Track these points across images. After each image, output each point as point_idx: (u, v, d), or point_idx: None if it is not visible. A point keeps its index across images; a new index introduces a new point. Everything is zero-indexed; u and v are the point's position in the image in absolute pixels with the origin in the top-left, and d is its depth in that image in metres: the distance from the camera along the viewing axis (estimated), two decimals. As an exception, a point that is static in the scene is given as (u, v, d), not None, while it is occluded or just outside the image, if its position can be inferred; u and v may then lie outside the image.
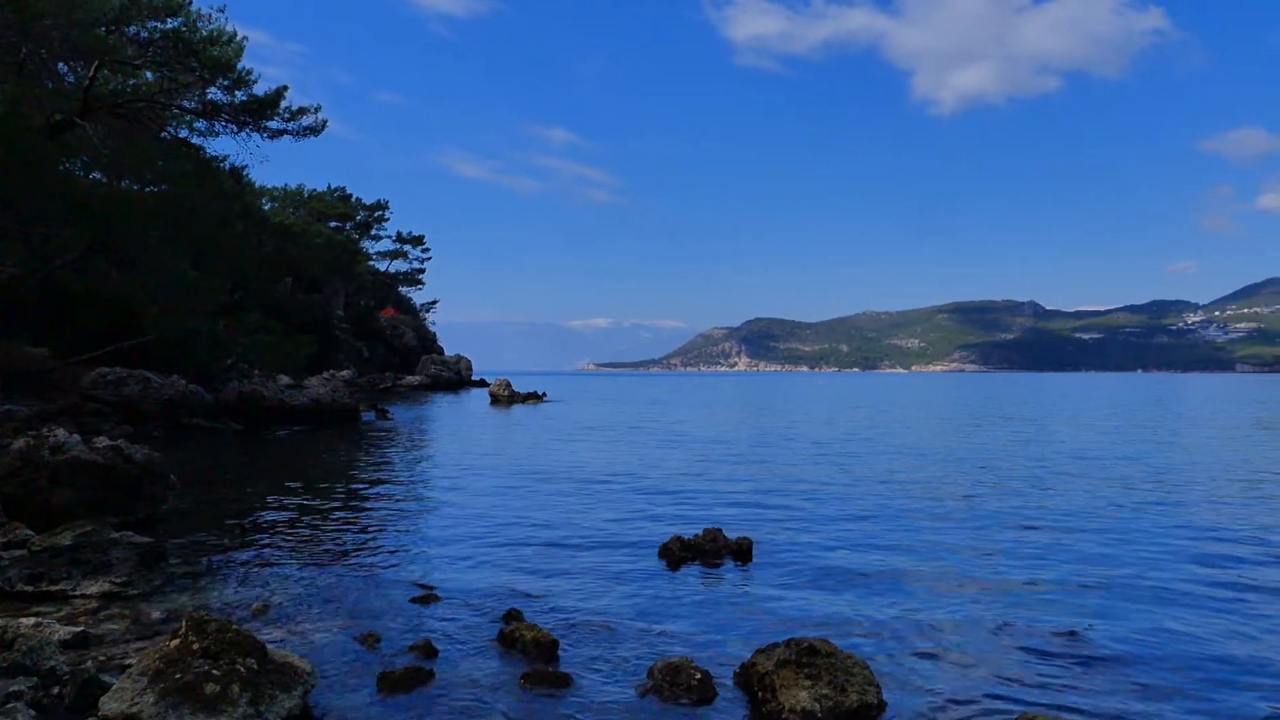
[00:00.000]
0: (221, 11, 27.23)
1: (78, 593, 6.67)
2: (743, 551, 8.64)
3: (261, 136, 30.07)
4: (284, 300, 44.42)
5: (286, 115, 30.07)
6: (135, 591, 6.81)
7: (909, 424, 30.24)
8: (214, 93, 28.45)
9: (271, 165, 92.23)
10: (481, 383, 65.68)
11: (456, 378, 65.34)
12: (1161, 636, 6.17)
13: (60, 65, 25.85)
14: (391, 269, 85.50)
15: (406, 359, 71.48)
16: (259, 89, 29.19)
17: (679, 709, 4.82)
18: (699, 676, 5.03)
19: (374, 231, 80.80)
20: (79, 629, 5.55)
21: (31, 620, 5.37)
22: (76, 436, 9.79)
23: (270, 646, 4.69)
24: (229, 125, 29.40)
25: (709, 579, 7.78)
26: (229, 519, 10.19)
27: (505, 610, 6.41)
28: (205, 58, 26.61)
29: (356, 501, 11.99)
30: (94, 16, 24.07)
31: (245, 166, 33.47)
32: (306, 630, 6.04)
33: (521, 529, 10.01)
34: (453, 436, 23.49)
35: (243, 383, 25.25)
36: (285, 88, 29.92)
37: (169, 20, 26.44)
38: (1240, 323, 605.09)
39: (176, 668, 4.22)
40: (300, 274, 52.34)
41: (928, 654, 5.78)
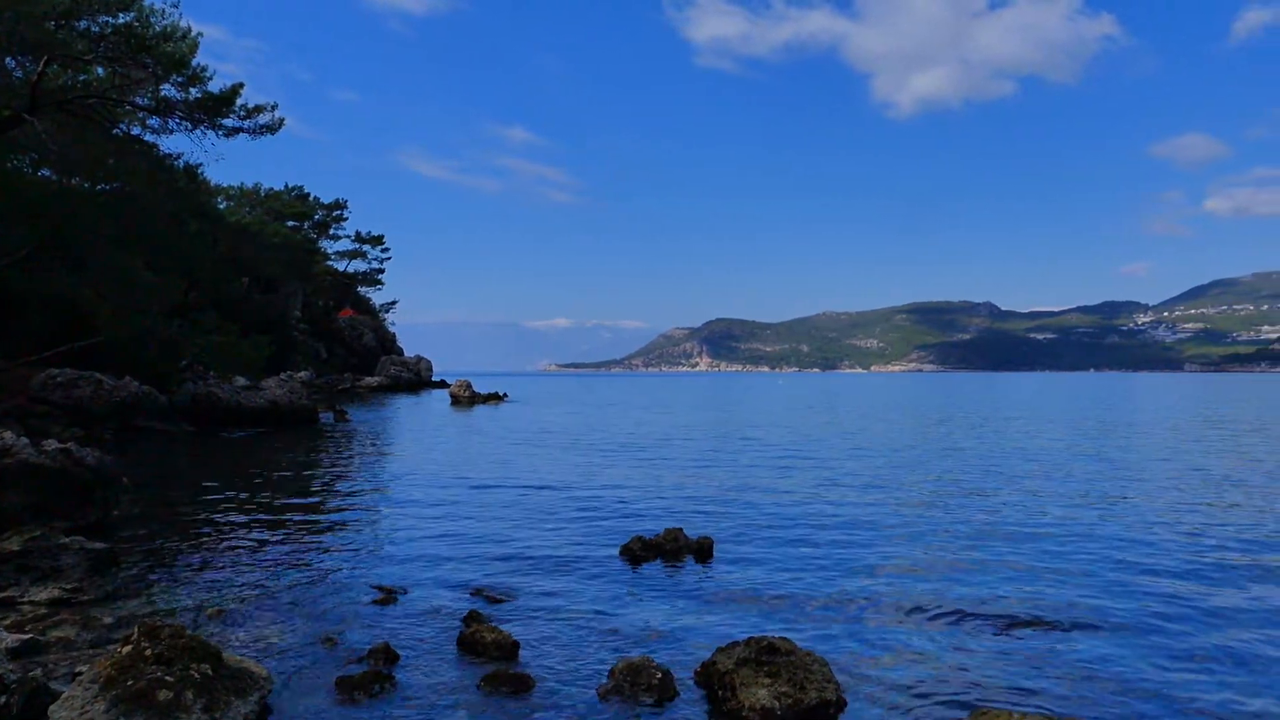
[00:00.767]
0: (175, 7, 26.67)
1: (26, 599, 6.51)
2: (704, 551, 8.68)
3: (217, 134, 29.50)
4: (240, 300, 43.78)
5: (242, 113, 29.55)
6: (86, 597, 6.68)
7: (870, 426, 30.55)
8: (167, 89, 27.85)
9: (227, 164, 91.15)
10: (442, 384, 65.29)
11: (416, 379, 64.92)
12: (1113, 631, 6.31)
13: (8, 60, 25.21)
14: (350, 269, 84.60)
15: (366, 360, 70.77)
16: (214, 86, 28.66)
17: (640, 708, 4.84)
18: (660, 676, 5.05)
19: (332, 231, 79.98)
20: (27, 636, 5.43)
21: (-23, 628, 5.24)
22: (25, 439, 9.56)
23: (226, 652, 4.63)
24: (183, 123, 28.81)
25: (670, 578, 7.80)
26: (183, 523, 10.02)
27: (466, 612, 6.39)
28: (158, 54, 26.06)
29: (314, 504, 11.85)
30: (42, 10, 23.50)
31: (200, 165, 32.78)
32: (264, 634, 5.97)
33: (482, 531, 9.97)
34: (412, 438, 23.29)
35: (197, 384, 24.83)
36: (241, 85, 29.42)
37: (120, 15, 25.85)
38: (1188, 323, 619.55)
39: (128, 674, 4.15)
40: (257, 274, 51.63)
41: (886, 651, 5.86)
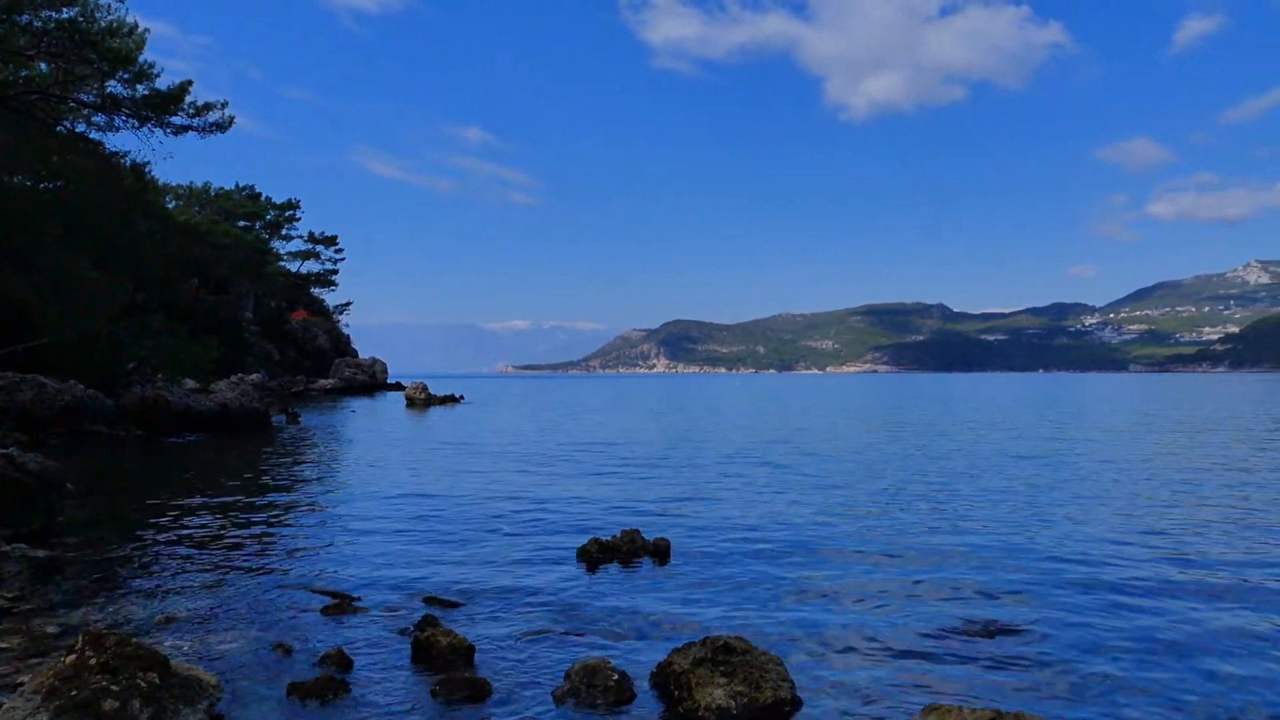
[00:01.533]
0: (121, 2, 26.15)
1: (-35, 609, 6.34)
2: (661, 552, 8.70)
3: (165, 132, 28.95)
4: (189, 302, 42.91)
5: (191, 111, 29.04)
6: (29, 606, 6.51)
7: (823, 427, 30.85)
8: (114, 86, 27.28)
9: (176, 162, 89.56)
10: (397, 385, 64.68)
11: (371, 380, 64.20)
12: (1065, 628, 6.44)
13: (-54, 54, 24.49)
14: (303, 270, 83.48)
15: (319, 362, 69.85)
16: (162, 83, 28.14)
17: (597, 711, 4.84)
18: (616, 677, 5.06)
19: (285, 231, 78.88)
20: (-34, 647, 5.28)
21: (-87, 639, 5.09)
22: (-37, 445, 9.31)
23: (174, 660, 4.54)
24: (130, 120, 28.22)
25: (627, 580, 7.81)
26: (130, 529, 9.81)
27: (421, 616, 6.33)
28: (104, 50, 25.50)
29: (266, 509, 11.66)
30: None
31: (148, 163, 32.18)
32: (213, 642, 5.87)
33: (437, 534, 9.89)
34: (366, 440, 23.03)
35: (145, 387, 24.28)
36: (190, 82, 28.92)
37: (65, 10, 25.26)
38: (1133, 325, 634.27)
39: (72, 684, 4.06)
40: (207, 275, 50.65)
41: (841, 650, 5.92)
